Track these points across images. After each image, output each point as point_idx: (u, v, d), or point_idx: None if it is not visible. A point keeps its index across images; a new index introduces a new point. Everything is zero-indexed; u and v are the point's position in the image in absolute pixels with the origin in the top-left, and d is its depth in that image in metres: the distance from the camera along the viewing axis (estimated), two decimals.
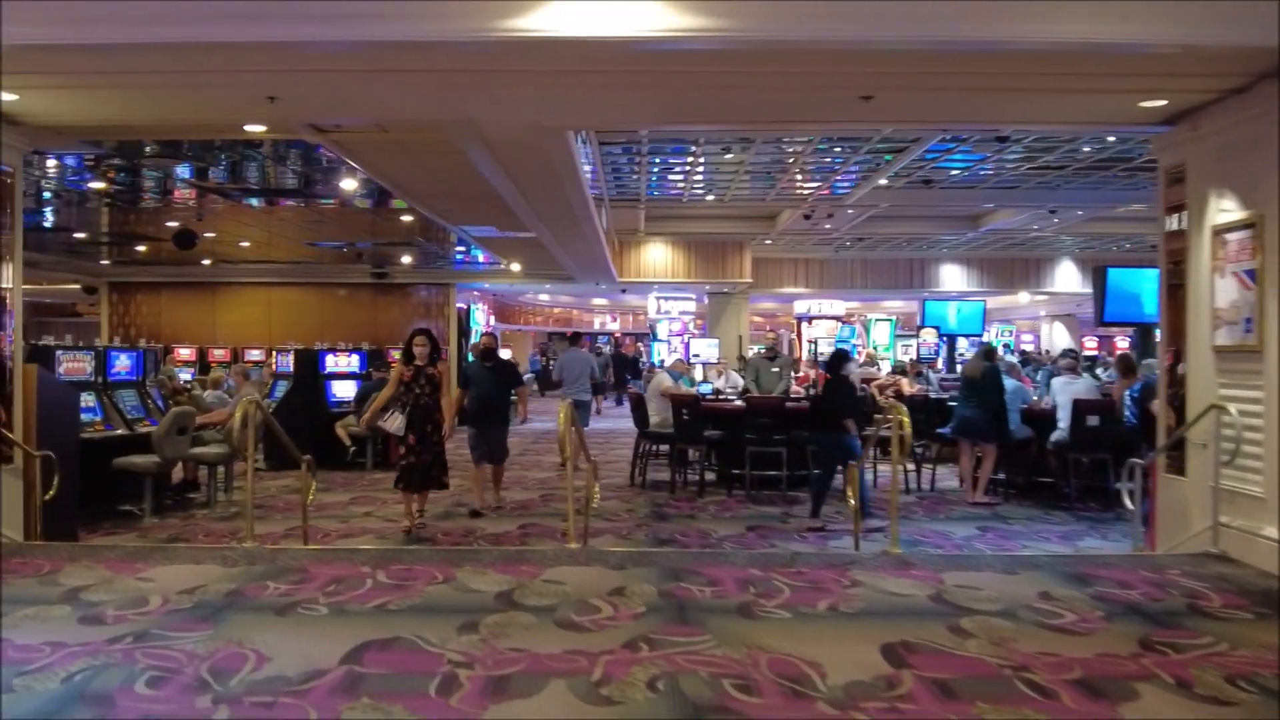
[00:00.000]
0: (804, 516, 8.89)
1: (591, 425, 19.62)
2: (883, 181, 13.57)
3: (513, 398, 9.42)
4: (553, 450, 15.32)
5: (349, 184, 10.55)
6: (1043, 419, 10.37)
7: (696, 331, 31.12)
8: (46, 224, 14.73)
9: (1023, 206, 15.43)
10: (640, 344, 28.89)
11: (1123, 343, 27.95)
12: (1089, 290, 23.92)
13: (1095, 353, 27.64)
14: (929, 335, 13.20)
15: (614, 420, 21.16)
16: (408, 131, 7.43)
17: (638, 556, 5.42)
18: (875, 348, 19.38)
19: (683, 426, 10.32)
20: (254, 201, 13.03)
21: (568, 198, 9.38)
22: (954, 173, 13.37)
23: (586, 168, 9.81)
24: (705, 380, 12.31)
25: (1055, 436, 10.02)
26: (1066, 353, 13.81)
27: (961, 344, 12.03)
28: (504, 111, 6.32)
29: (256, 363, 18.30)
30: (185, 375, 18.02)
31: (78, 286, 22.19)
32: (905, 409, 5.61)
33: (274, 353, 14.31)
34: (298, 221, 14.03)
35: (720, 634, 4.08)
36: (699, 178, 13.45)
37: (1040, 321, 34.06)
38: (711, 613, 4.40)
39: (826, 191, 14.49)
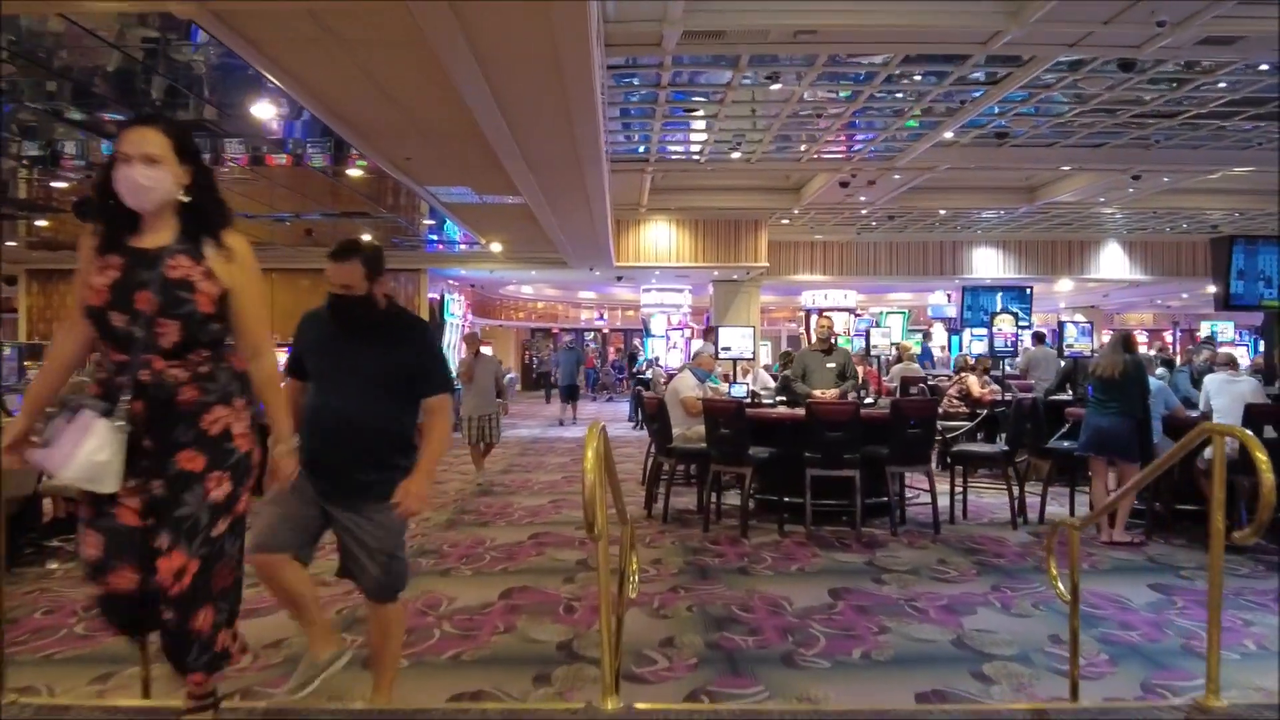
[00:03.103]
0: (902, 571, 6.34)
1: (560, 432, 16.97)
2: (948, 135, 11.03)
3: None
4: (555, 450, 12.75)
5: (264, 109, 7.75)
6: (1187, 429, 7.86)
7: (696, 326, 28.59)
8: None
9: (1105, 169, 12.90)
10: (636, 342, 26.20)
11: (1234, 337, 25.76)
12: (1136, 276, 21.70)
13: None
14: (1005, 324, 10.74)
15: (587, 425, 18.61)
16: None
17: None
18: (917, 344, 16.89)
19: (722, 443, 7.74)
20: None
21: (571, 120, 6.71)
22: (1035, 119, 10.83)
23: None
24: (738, 380, 9.72)
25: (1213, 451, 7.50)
26: (1205, 343, 11.28)
27: (1075, 335, 9.54)
28: None
29: None
30: None
31: None
32: (1257, 443, 3.01)
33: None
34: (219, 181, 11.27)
35: None
36: (727, 126, 10.76)
37: (1060, 314, 31.67)
38: None
39: (851, 154, 11.93)
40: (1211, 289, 22.75)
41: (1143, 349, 17.50)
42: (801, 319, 26.08)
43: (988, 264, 20.88)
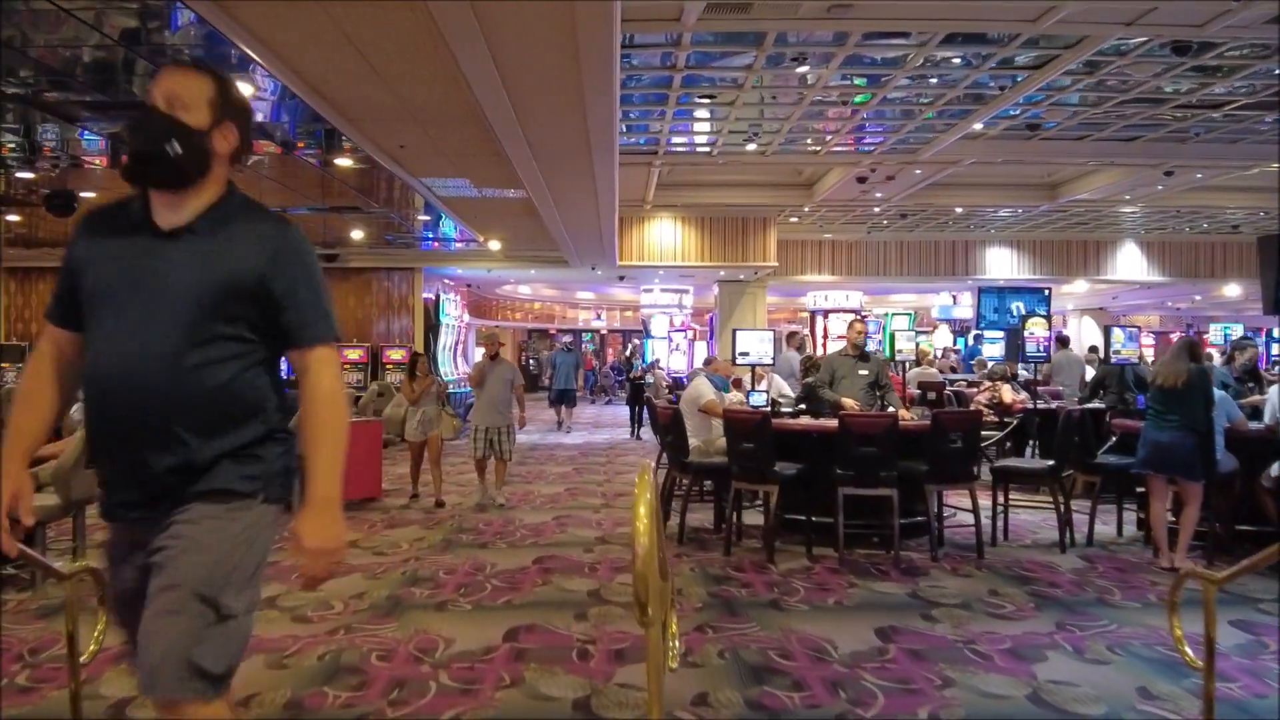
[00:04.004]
0: (952, 605, 5.66)
1: (559, 439, 16.45)
2: (978, 126, 10.37)
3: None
4: (555, 458, 11.92)
5: (240, 87, 7.04)
6: (1250, 444, 7.22)
7: (698, 327, 27.95)
8: None
9: (1137, 164, 12.26)
10: (635, 342, 25.45)
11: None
12: (1153, 278, 21.08)
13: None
14: (1037, 327, 10.05)
15: (587, 431, 17.93)
16: None
17: None
18: (930, 346, 16.23)
19: (744, 458, 7.06)
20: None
21: (585, 102, 6.00)
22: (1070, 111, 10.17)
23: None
24: (756, 388, 9.05)
25: None
26: (1245, 341, 10.62)
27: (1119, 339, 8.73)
28: None
29: None
30: None
31: None
32: None
33: None
34: None
35: None
36: (744, 115, 10.00)
37: (1068, 315, 31.09)
38: None
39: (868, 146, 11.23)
40: (1229, 291, 22.28)
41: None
42: (806, 320, 25.45)
43: (1001, 264, 20.27)
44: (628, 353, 22.19)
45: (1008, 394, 10.28)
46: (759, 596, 5.92)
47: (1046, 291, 17.74)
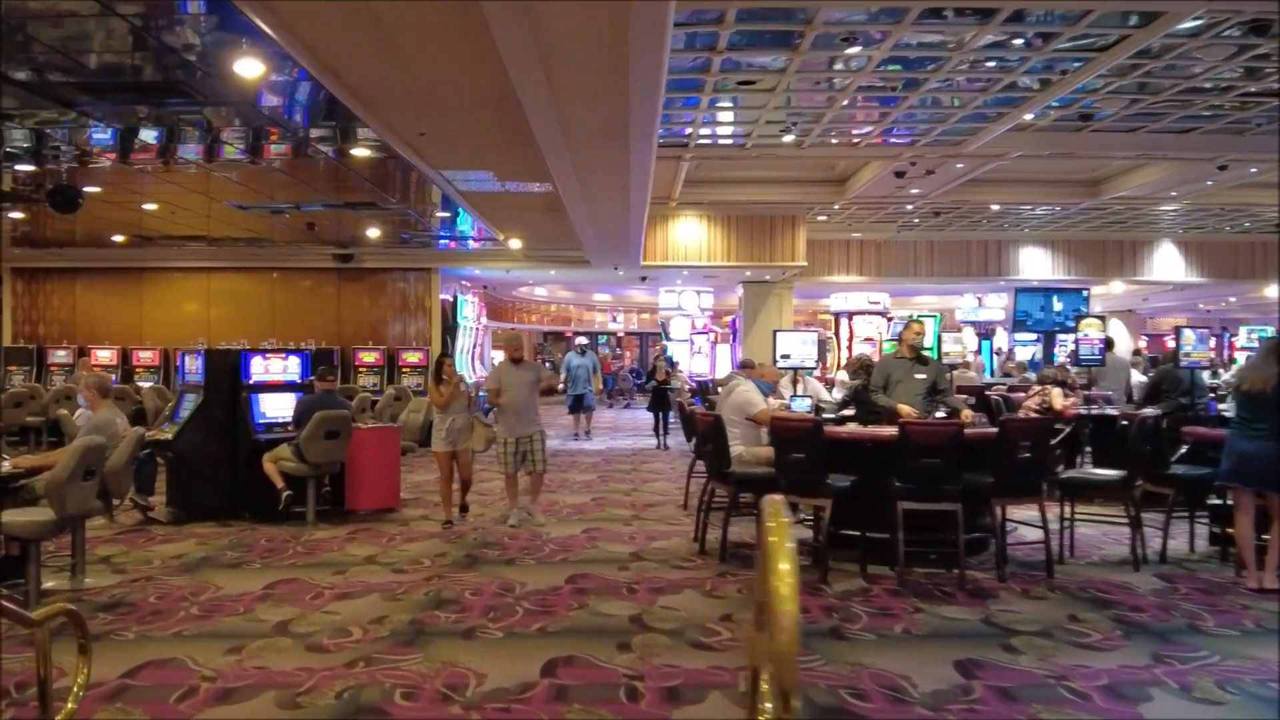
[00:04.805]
0: (1031, 633, 5.10)
1: (580, 445, 15.88)
2: (1028, 116, 9.80)
3: None
4: (578, 465, 11.32)
5: (248, 66, 6.43)
6: None
7: (720, 330, 27.39)
8: None
9: (1190, 158, 11.67)
10: (661, 345, 24.82)
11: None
12: (1191, 279, 20.43)
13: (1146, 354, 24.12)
14: (1092, 329, 9.48)
15: (607, 436, 17.39)
16: None
17: None
18: (964, 349, 15.66)
19: (793, 469, 6.51)
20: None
21: (628, 83, 5.45)
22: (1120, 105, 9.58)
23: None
24: (798, 393, 8.50)
25: None
26: None
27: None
28: None
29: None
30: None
31: None
32: None
33: (173, 354, 10.23)
34: (207, 171, 10.09)
35: None
36: (780, 103, 9.43)
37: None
38: None
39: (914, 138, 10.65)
40: (1269, 292, 21.58)
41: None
42: (830, 323, 24.86)
43: (1034, 265, 19.65)
44: (653, 357, 21.37)
45: (1058, 399, 9.69)
46: (818, 623, 5.38)
47: (1086, 292, 17.16)
